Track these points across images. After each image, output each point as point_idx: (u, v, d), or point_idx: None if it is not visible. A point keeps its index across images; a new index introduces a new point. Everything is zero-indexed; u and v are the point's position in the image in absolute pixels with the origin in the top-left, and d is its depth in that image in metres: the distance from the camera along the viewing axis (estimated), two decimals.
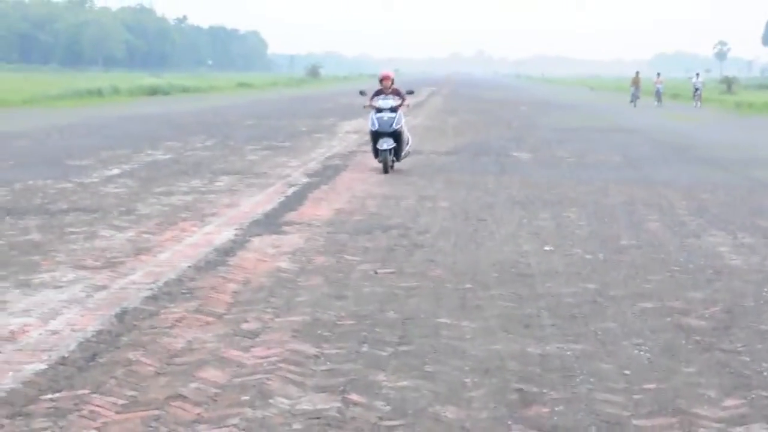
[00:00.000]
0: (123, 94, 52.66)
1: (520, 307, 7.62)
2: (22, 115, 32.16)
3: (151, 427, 5.08)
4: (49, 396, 5.52)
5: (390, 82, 17.31)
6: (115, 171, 16.84)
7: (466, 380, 5.88)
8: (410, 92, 17.63)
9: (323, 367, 6.11)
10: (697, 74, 54.66)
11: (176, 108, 40.63)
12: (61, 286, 8.15)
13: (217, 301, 7.68)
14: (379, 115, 16.86)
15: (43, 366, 6.04)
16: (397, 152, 17.09)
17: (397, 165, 17.53)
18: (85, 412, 5.29)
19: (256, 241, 10.20)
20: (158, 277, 8.38)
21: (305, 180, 15.87)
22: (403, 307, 7.59)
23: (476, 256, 9.61)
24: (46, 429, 5.04)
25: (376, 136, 17.00)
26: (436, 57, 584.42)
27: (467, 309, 7.56)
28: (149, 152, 20.39)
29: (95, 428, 5.07)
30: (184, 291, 7.95)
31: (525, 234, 10.95)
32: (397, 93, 17.17)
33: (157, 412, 5.29)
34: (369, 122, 17.10)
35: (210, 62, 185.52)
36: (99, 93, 50.38)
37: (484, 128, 29.49)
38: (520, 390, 5.71)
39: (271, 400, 5.51)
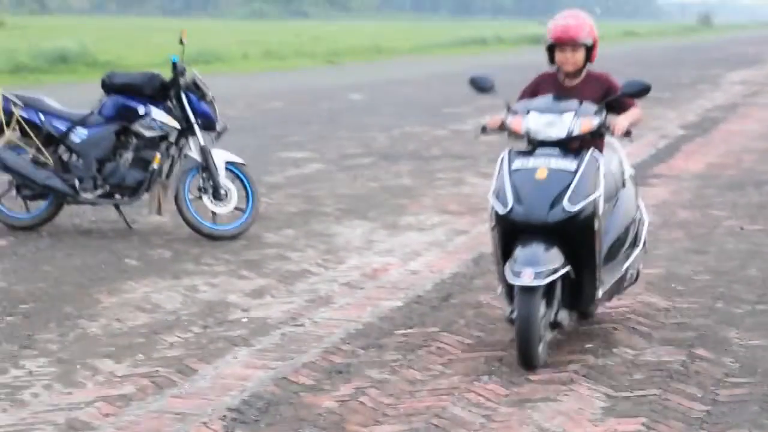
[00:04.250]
0: (507, 42, 53.26)
1: None
2: (408, 62, 33.46)
3: (493, 366, 5.23)
4: (402, 331, 5.83)
5: (579, 53, 5.56)
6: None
7: None
8: (642, 89, 5.46)
9: (673, 321, 6.00)
10: None
11: (508, 59, 40.55)
12: (424, 229, 8.52)
13: None
14: (522, 164, 5.27)
15: (399, 303, 6.38)
16: (578, 293, 5.36)
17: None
18: (433, 348, 5.54)
19: None
20: None
21: (680, 132, 15.40)
22: (766, 264, 7.26)
23: None
24: (396, 361, 5.34)
25: (510, 230, 5.25)
26: None
27: None
28: None
29: (441, 364, 5.30)
30: None
31: None
32: (601, 91, 5.58)
33: (500, 353, 5.43)
34: (493, 183, 5.35)
35: (598, 10, 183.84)
36: (483, 41, 51.29)
37: None
38: None
39: (615, 349, 5.50)
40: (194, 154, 8.20)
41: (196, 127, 8.22)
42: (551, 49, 5.62)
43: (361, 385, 5.02)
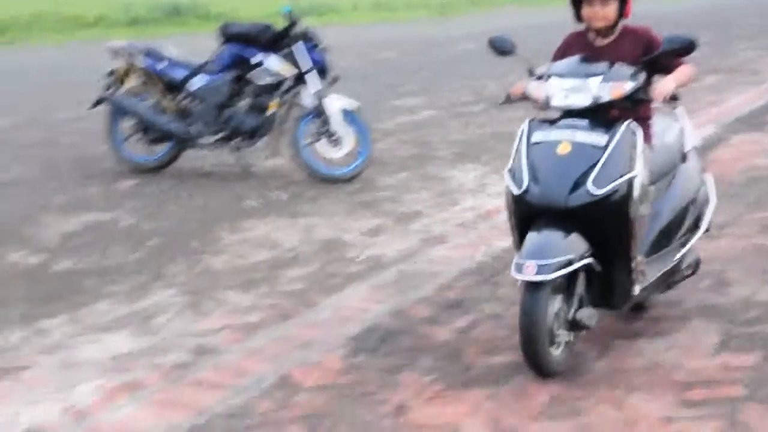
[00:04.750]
0: None
1: None
2: (521, 12, 33.12)
3: None
4: None
5: (610, 6, 4.67)
6: None
7: None
8: (685, 45, 4.50)
9: None
10: None
11: (672, 6, 39.82)
12: None
13: None
14: (543, 136, 4.44)
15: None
16: (609, 289, 4.54)
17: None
18: None
19: (736, 138, 9.99)
20: None
21: None
22: None
23: None
24: (509, 297, 5.44)
25: (527, 214, 4.45)
26: None
27: None
28: None
29: None
30: None
31: None
32: (641, 48, 4.69)
33: None
34: (511, 158, 4.55)
35: None
36: None
37: None
38: None
39: (729, 288, 5.51)
40: (309, 100, 8.37)
41: (310, 74, 8.38)
42: (577, 3, 4.76)
43: (476, 318, 5.15)
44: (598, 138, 4.35)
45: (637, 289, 4.56)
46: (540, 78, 4.60)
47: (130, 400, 4.25)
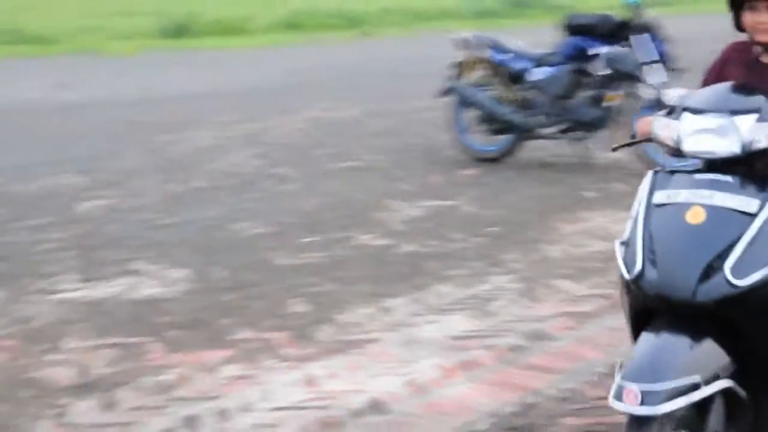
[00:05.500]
0: None
1: None
2: None
3: None
4: None
5: None
6: None
7: None
8: None
9: None
10: None
11: None
12: None
13: None
14: (668, 196, 3.06)
15: None
16: (757, 417, 3.07)
17: None
18: None
19: None
20: None
21: None
22: None
23: None
24: None
25: (642, 304, 3.08)
26: None
27: None
28: None
29: None
30: None
31: None
32: None
33: None
34: (628, 225, 3.16)
35: None
36: None
37: None
38: None
39: None
40: (649, 92, 8.31)
41: (650, 65, 8.32)
42: (738, 6, 3.43)
43: None
44: (745, 202, 2.97)
45: None
46: (671, 112, 3.23)
47: (465, 378, 4.47)
